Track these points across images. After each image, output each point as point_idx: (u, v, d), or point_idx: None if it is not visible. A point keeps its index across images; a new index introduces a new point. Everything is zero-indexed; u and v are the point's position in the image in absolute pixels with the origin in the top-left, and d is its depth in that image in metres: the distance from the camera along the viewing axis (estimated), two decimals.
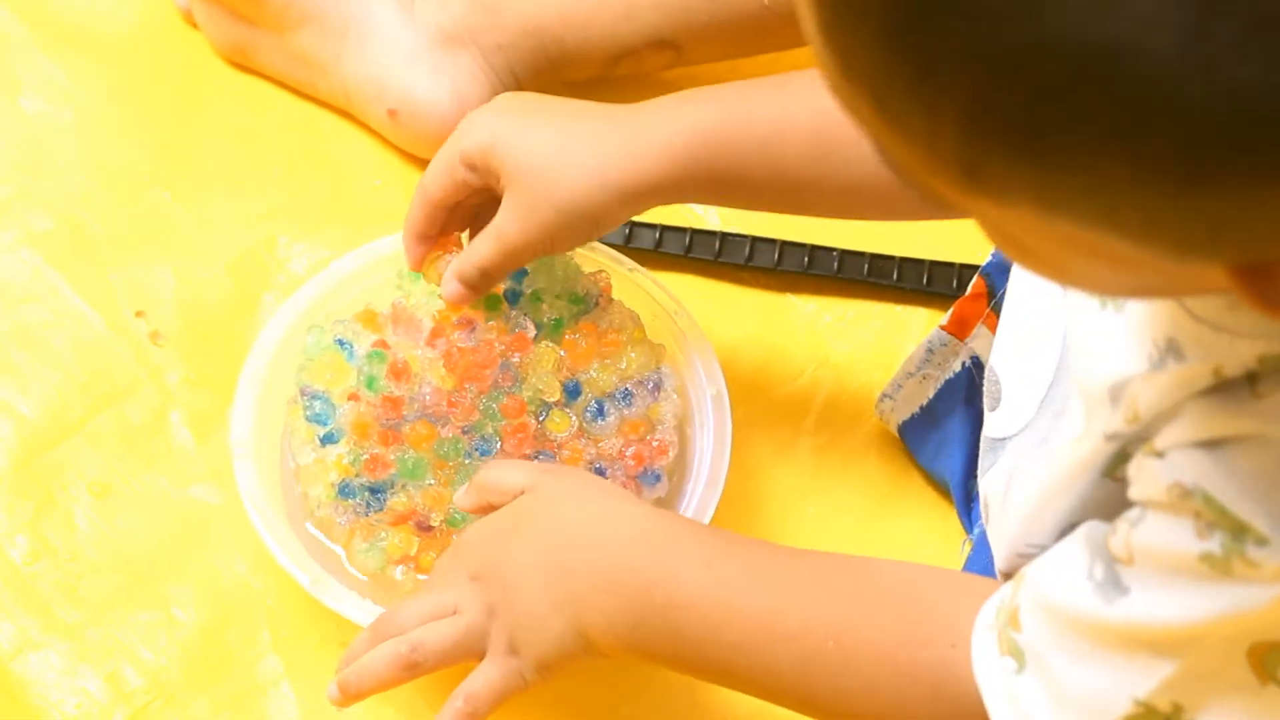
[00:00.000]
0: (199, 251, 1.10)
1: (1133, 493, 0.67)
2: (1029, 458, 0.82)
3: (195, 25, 1.19)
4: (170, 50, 1.19)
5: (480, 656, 0.85)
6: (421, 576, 0.92)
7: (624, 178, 0.89)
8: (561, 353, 0.96)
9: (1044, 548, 0.76)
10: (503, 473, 0.89)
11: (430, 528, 0.92)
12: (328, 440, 0.94)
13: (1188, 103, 0.47)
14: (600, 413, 0.94)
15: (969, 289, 1.03)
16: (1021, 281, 0.90)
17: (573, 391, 0.95)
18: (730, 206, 0.96)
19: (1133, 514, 0.67)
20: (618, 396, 0.95)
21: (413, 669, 0.84)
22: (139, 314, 1.08)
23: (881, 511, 1.02)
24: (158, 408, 1.04)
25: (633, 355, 0.96)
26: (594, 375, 0.95)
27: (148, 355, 1.06)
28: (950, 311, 1.04)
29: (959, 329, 1.03)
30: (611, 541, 0.84)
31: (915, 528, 1.01)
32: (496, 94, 1.12)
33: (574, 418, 0.94)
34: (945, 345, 1.03)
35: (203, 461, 1.02)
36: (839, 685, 0.78)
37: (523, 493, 0.87)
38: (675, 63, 1.15)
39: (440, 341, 0.96)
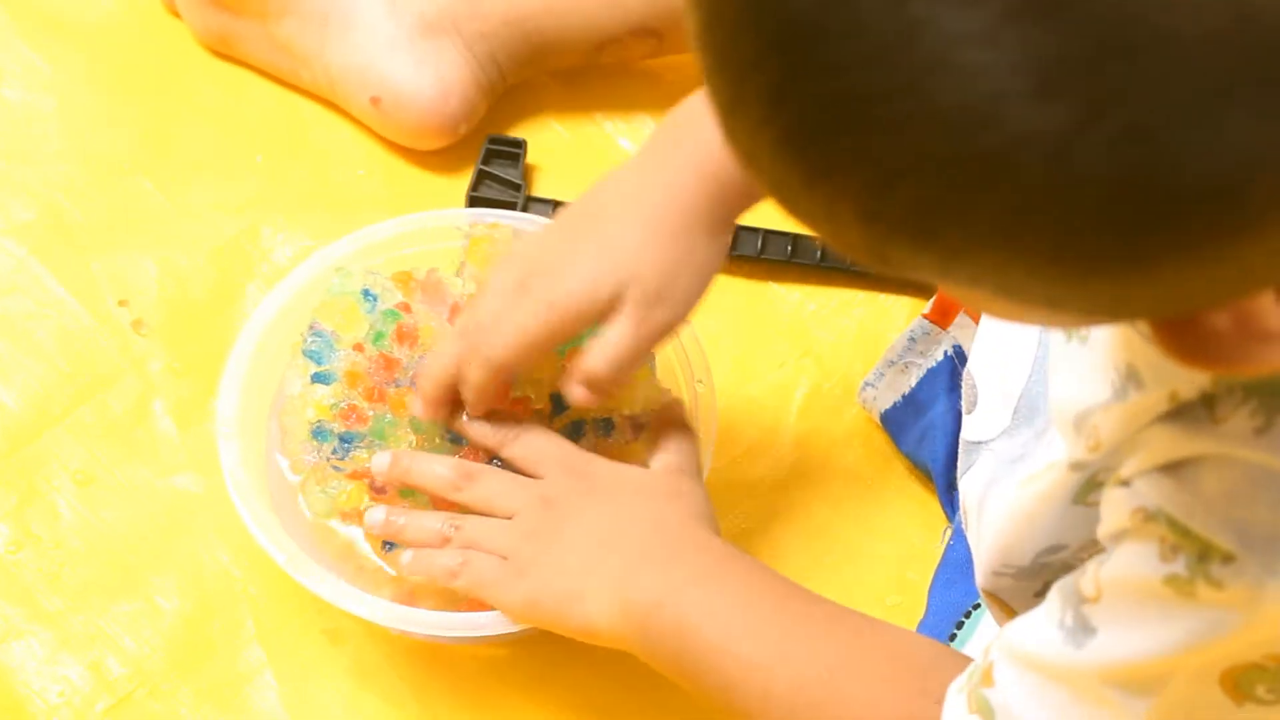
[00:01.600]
0: (181, 241, 1.10)
1: (1101, 530, 0.68)
2: (1005, 470, 0.82)
3: (177, 14, 1.19)
4: (152, 39, 1.19)
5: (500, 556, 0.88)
6: (354, 528, 0.93)
7: (719, 210, 0.88)
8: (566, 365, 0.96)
9: (1020, 569, 0.77)
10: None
11: (383, 490, 0.93)
12: (318, 379, 0.95)
13: (1059, 206, 0.49)
14: (577, 432, 0.94)
15: None
16: None
17: (559, 404, 0.95)
18: None
19: (1101, 554, 0.68)
20: (599, 423, 0.95)
21: (445, 540, 0.89)
22: (122, 303, 1.08)
23: (864, 499, 1.02)
24: (140, 397, 1.04)
25: (628, 390, 0.95)
26: None
27: (130, 345, 1.06)
28: (933, 300, 1.04)
29: (941, 317, 1.03)
30: (657, 534, 0.87)
31: (898, 515, 1.01)
32: (479, 82, 1.13)
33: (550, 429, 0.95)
34: (928, 334, 1.03)
35: (185, 451, 1.02)
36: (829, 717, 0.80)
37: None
38: (658, 51, 1.15)
39: (459, 319, 0.96)
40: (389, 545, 0.93)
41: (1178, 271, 0.51)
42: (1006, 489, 0.79)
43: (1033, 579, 0.78)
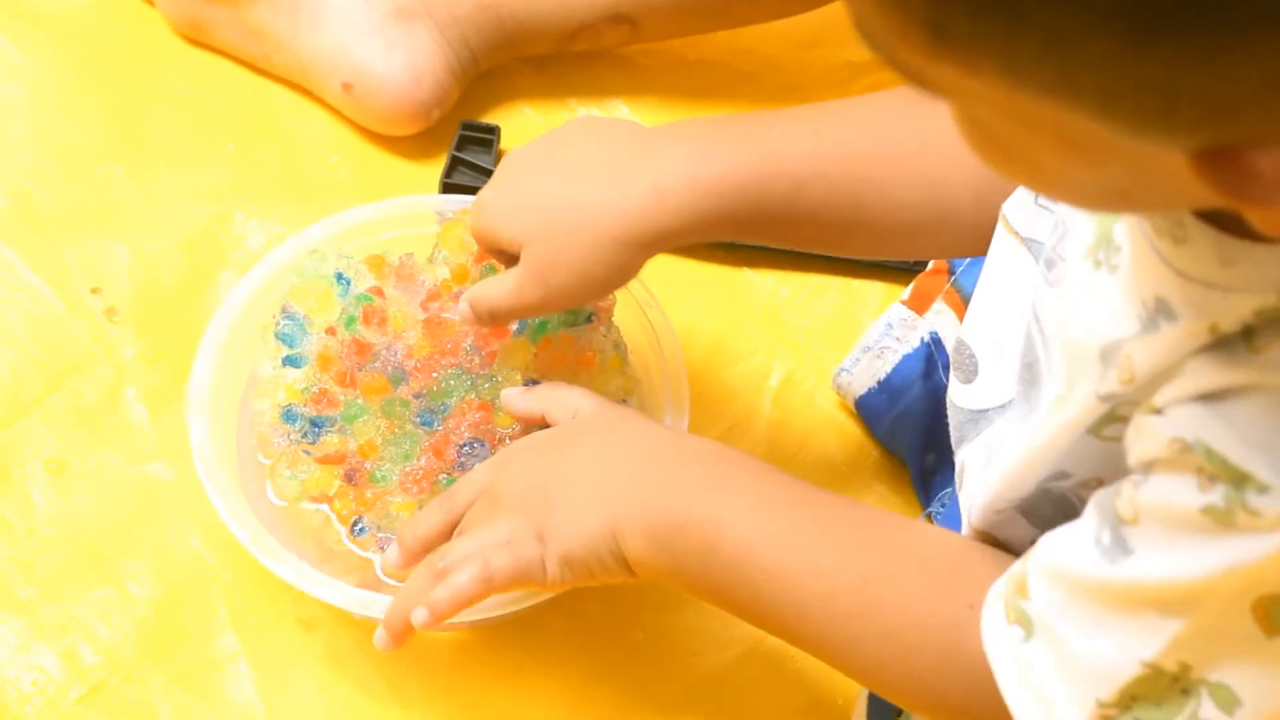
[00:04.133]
0: (154, 228, 1.10)
1: (1132, 457, 0.67)
2: (1014, 427, 0.81)
3: (150, 0, 1.18)
4: (124, 25, 1.18)
5: (541, 583, 0.85)
6: (329, 510, 0.93)
7: (646, 231, 0.87)
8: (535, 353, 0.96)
9: (1022, 500, 0.76)
10: (567, 394, 0.90)
11: (353, 477, 0.93)
12: (289, 363, 0.95)
13: None
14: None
15: (929, 265, 1.04)
16: (998, 255, 0.90)
17: None
18: (762, 244, 0.95)
19: (1136, 475, 0.67)
20: None
21: (488, 582, 0.84)
22: (94, 290, 1.07)
23: (838, 485, 1.02)
24: (113, 384, 1.04)
25: (599, 379, 0.95)
26: None
27: (103, 332, 1.06)
28: (910, 287, 1.04)
29: (918, 305, 1.03)
30: (659, 452, 0.85)
31: (871, 501, 1.01)
32: (451, 67, 1.12)
33: None
34: (905, 320, 1.03)
35: (157, 439, 1.02)
36: (857, 629, 0.79)
37: (575, 416, 0.89)
38: (632, 38, 1.15)
39: (433, 305, 0.96)
40: (358, 530, 0.93)
41: (1233, 57, 0.51)
42: (1016, 434, 0.78)
43: (1031, 509, 0.78)
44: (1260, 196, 0.55)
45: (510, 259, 0.90)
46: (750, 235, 0.91)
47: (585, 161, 0.90)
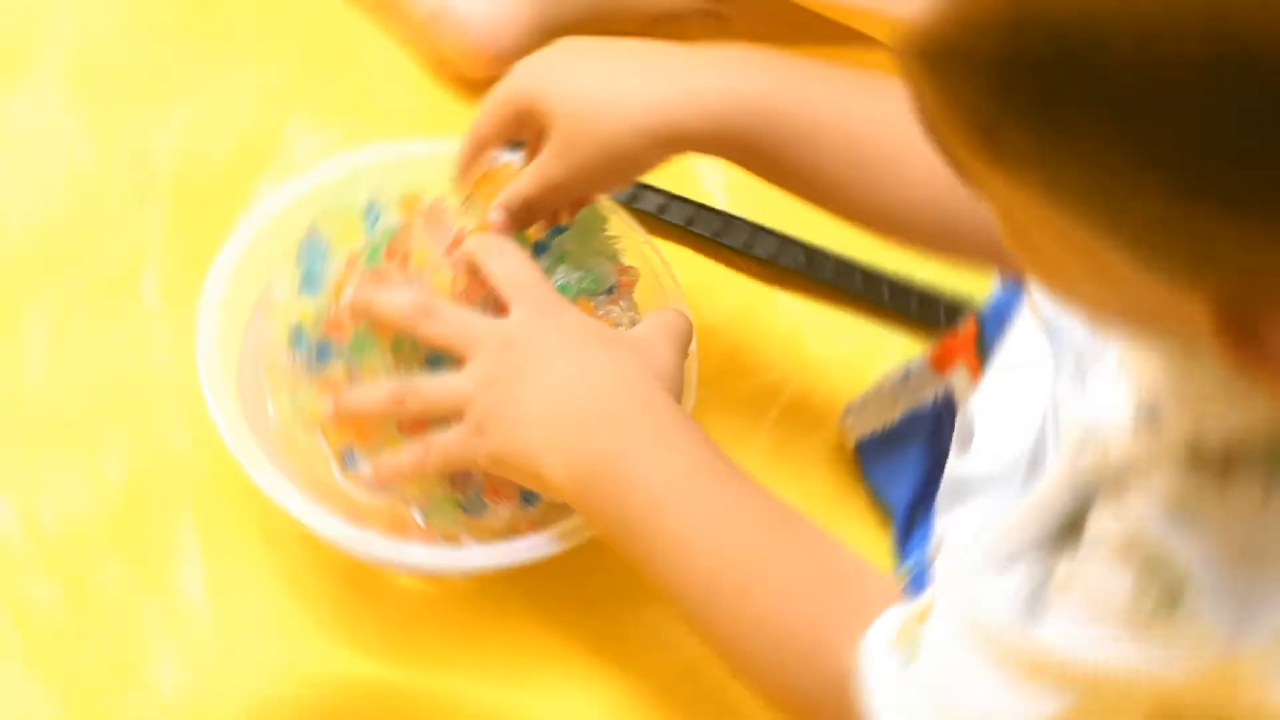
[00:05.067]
0: (205, 120, 1.10)
1: (1089, 532, 0.67)
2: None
3: None
4: None
5: (459, 416, 0.87)
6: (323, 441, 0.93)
7: (665, 123, 0.89)
8: None
9: None
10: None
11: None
12: (306, 286, 0.95)
13: (1204, 111, 0.50)
14: None
15: (960, 330, 1.03)
16: (1020, 331, 0.90)
17: None
18: (761, 179, 0.95)
19: (1085, 549, 0.67)
20: None
21: (399, 402, 0.89)
22: (134, 169, 1.07)
23: (817, 520, 1.01)
24: (132, 265, 1.04)
25: None
26: None
27: (134, 213, 1.06)
28: (937, 345, 1.03)
29: (940, 364, 1.03)
30: (614, 395, 0.86)
31: (848, 546, 1.01)
32: (535, 22, 1.12)
33: None
34: (923, 374, 1.02)
35: (165, 328, 1.02)
36: (734, 609, 0.79)
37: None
38: (718, 33, 1.15)
39: (456, 252, 0.96)
40: (348, 461, 0.92)
41: (1273, 230, 0.51)
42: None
43: None
44: (1274, 369, 0.55)
45: (533, 138, 0.92)
46: (758, 165, 0.91)
47: (632, 53, 0.92)
